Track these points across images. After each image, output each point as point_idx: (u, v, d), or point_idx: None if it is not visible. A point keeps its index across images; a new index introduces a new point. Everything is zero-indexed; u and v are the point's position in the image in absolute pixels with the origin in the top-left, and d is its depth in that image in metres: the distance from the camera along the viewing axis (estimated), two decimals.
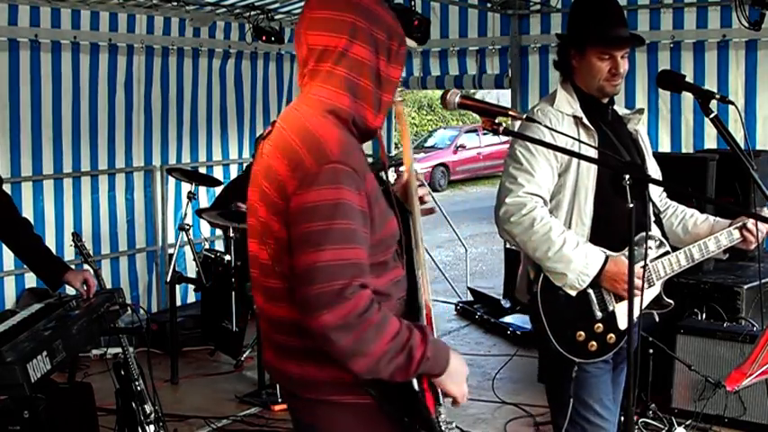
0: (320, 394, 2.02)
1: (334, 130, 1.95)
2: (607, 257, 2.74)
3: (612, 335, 2.80)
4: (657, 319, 2.97)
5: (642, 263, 2.55)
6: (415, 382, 2.00)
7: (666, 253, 2.86)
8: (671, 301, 2.89)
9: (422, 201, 2.26)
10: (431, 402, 2.03)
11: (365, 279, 1.88)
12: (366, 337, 1.85)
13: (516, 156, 2.80)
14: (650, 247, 2.82)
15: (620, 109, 3.03)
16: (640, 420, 4.49)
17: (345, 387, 2.00)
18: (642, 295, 2.37)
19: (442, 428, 2.03)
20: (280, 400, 4.96)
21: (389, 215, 2.05)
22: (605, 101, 2.91)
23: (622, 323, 2.80)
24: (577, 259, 2.70)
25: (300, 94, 2.05)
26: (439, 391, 2.05)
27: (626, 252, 2.49)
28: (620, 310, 2.79)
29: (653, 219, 2.93)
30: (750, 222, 2.82)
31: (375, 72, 1.99)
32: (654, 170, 3.04)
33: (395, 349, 1.89)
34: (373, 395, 2.00)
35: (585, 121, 2.81)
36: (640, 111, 3.05)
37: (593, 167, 2.75)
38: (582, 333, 2.77)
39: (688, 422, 4.46)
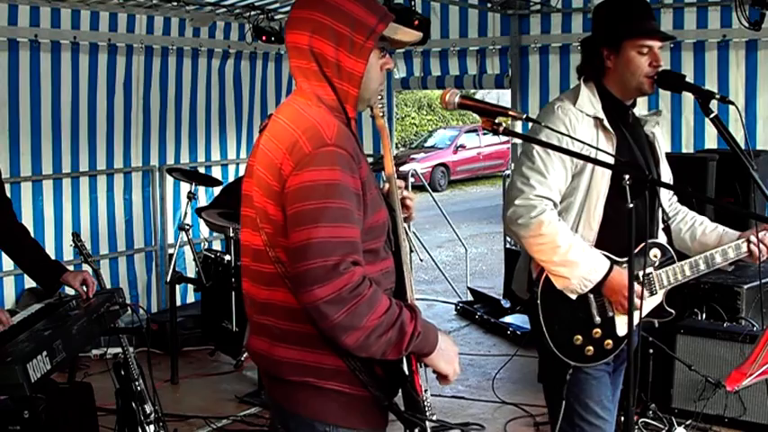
0: (303, 376, 2.05)
1: (330, 118, 2.03)
2: (612, 266, 2.71)
3: (610, 341, 2.79)
4: (657, 325, 2.96)
5: (644, 273, 2.52)
6: (405, 365, 2.03)
7: (671, 262, 2.84)
8: (672, 311, 2.87)
9: (407, 206, 2.34)
10: (419, 385, 2.07)
11: (358, 257, 1.93)
12: (359, 311, 1.89)
13: (532, 155, 2.76)
14: (655, 255, 2.81)
15: (638, 110, 2.99)
16: (640, 420, 4.49)
17: (329, 373, 2.04)
18: (642, 305, 2.35)
19: (428, 413, 2.07)
20: None
21: (380, 204, 2.10)
22: (628, 103, 2.88)
23: (621, 330, 2.78)
24: (582, 265, 2.68)
25: (294, 89, 2.14)
26: (425, 376, 2.09)
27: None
28: (620, 316, 2.78)
29: (661, 226, 2.92)
30: (759, 236, 2.79)
31: (337, 65, 2.03)
32: (666, 173, 3.00)
33: (386, 323, 1.93)
34: (361, 380, 2.03)
35: (606, 123, 2.78)
36: (658, 112, 3.02)
37: (608, 172, 2.72)
38: (579, 337, 2.76)
39: (688, 422, 4.46)
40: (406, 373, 2.04)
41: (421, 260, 9.02)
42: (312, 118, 2.01)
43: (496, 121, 2.27)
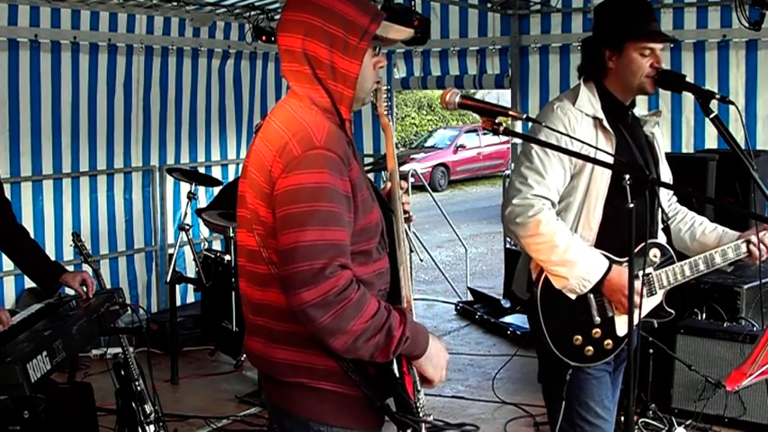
0: (298, 377, 2.06)
1: (321, 120, 2.03)
2: (611, 266, 2.71)
3: (610, 341, 2.79)
4: (657, 326, 2.96)
5: (643, 273, 2.53)
6: (395, 367, 2.04)
7: (671, 262, 2.84)
8: (671, 311, 2.87)
9: (404, 209, 2.32)
10: (410, 387, 2.07)
11: (346, 260, 1.93)
12: (345, 314, 1.90)
13: (530, 155, 2.76)
14: (655, 255, 2.81)
15: (638, 110, 2.99)
16: (640, 420, 4.49)
17: (322, 373, 2.04)
18: (641, 306, 2.35)
19: (420, 414, 2.06)
20: None
21: (373, 205, 2.10)
22: (628, 103, 2.88)
23: (621, 330, 2.78)
24: (580, 264, 2.68)
25: (289, 91, 2.13)
26: (416, 377, 2.09)
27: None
28: (620, 316, 2.78)
29: (660, 226, 2.92)
30: (757, 237, 2.79)
31: (331, 67, 2.03)
32: (666, 173, 3.00)
33: (374, 327, 1.94)
34: (354, 380, 2.04)
35: (605, 123, 2.77)
36: (658, 113, 3.02)
37: (608, 172, 2.71)
38: (579, 337, 2.76)
39: (688, 422, 4.46)
40: (397, 375, 2.04)
41: (421, 260, 9.01)
42: (303, 120, 2.01)
43: (496, 120, 2.28)
